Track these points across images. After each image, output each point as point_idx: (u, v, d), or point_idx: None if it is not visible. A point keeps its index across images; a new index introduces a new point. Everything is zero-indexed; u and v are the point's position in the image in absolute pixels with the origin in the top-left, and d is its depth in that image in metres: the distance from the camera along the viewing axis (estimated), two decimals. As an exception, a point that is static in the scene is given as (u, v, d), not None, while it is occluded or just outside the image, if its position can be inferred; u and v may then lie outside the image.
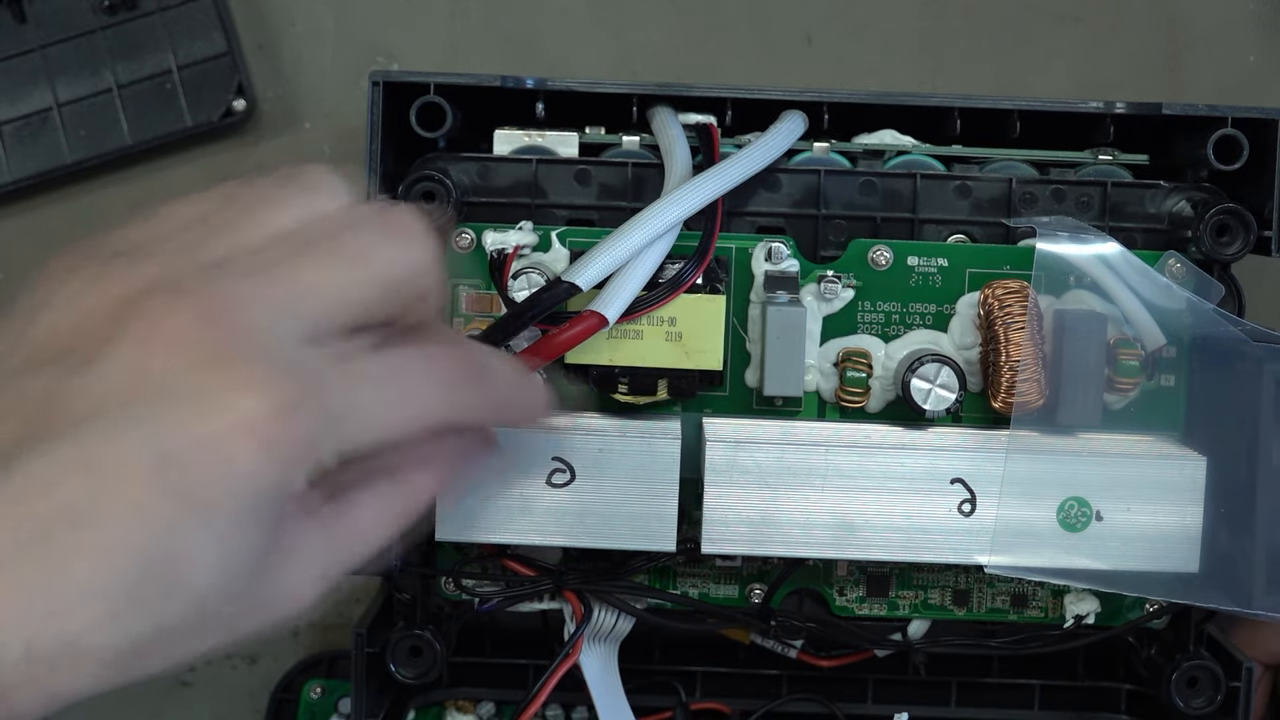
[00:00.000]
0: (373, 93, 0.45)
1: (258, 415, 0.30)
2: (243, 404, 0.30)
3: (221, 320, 0.31)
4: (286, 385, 0.30)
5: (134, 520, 0.29)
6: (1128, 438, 0.45)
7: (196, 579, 0.30)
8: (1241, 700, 0.47)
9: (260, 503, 0.31)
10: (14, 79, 0.57)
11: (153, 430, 0.30)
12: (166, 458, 0.30)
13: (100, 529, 0.29)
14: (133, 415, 0.30)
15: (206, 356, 0.30)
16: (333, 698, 0.57)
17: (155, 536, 0.30)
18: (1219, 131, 0.46)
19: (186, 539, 0.30)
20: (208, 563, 0.30)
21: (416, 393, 0.34)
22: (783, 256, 0.46)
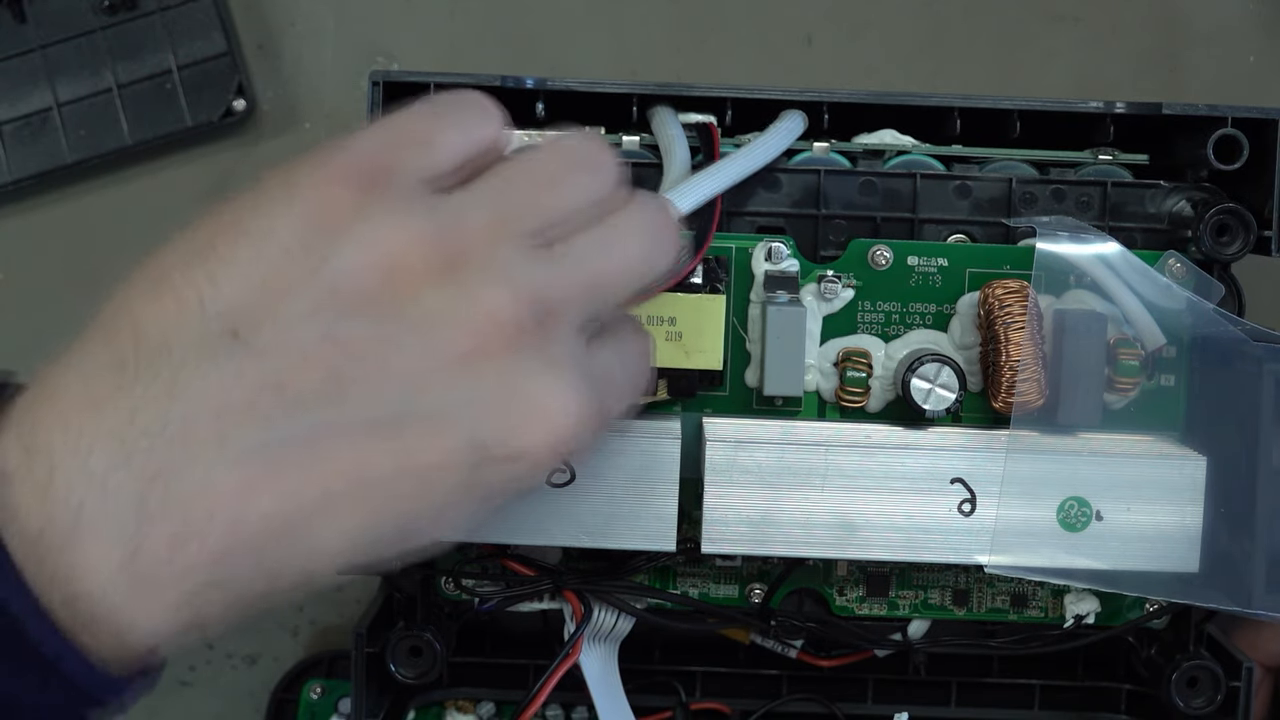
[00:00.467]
0: (373, 93, 0.45)
1: (565, 429, 0.32)
2: (557, 424, 0.32)
3: (548, 327, 0.33)
4: (588, 402, 0.33)
5: (419, 496, 0.32)
6: (1128, 438, 0.45)
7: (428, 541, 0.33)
8: (1241, 700, 0.47)
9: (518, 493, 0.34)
10: (14, 79, 0.57)
11: (475, 422, 0.32)
12: (479, 452, 0.32)
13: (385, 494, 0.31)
14: (461, 404, 0.32)
15: (533, 363, 0.32)
16: (333, 698, 0.57)
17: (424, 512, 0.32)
18: (1219, 131, 0.46)
19: (446, 519, 0.32)
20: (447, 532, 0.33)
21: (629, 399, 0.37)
22: (783, 256, 0.46)
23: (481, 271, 0.32)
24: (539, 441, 0.32)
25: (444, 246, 0.32)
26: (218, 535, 0.30)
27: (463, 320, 0.32)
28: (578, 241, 0.34)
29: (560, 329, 0.33)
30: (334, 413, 0.31)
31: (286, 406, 0.30)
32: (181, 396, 0.30)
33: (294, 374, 0.30)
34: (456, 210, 0.33)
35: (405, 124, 0.35)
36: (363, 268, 0.31)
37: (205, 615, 0.31)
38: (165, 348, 0.30)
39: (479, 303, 0.32)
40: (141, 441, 0.30)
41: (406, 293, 0.32)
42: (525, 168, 0.35)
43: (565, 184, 0.35)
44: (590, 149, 0.36)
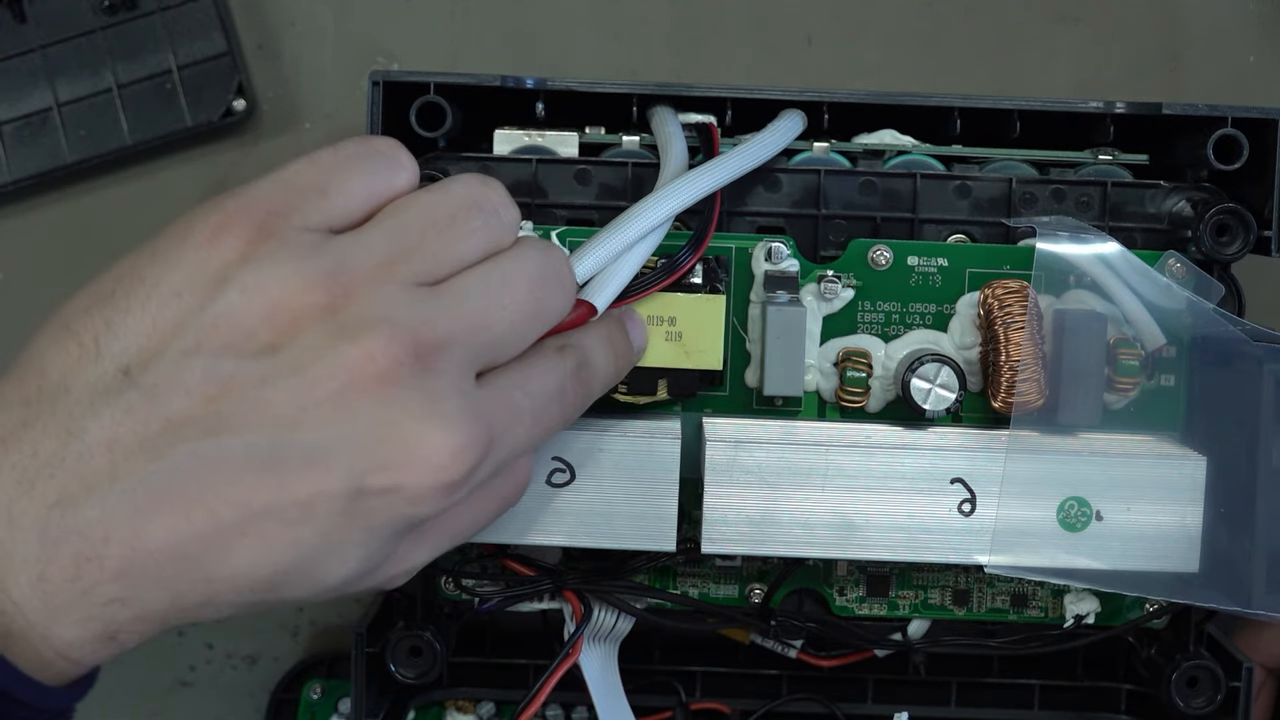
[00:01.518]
0: (373, 93, 0.45)
1: (450, 473, 0.34)
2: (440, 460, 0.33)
3: (430, 371, 0.34)
4: (478, 446, 0.34)
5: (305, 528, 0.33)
6: (1128, 438, 0.45)
7: (326, 580, 0.35)
8: (1241, 700, 0.47)
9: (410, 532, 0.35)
10: (14, 79, 0.57)
11: (354, 460, 0.33)
12: (358, 489, 0.33)
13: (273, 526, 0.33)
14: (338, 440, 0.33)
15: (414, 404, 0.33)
16: (333, 698, 0.57)
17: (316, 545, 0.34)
18: (1219, 131, 0.46)
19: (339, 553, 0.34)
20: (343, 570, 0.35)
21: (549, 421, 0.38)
22: (783, 256, 0.46)
23: (360, 312, 0.34)
24: (414, 477, 0.33)
25: (327, 288, 0.34)
26: (115, 557, 0.32)
27: (335, 361, 0.33)
28: (463, 280, 0.36)
29: (441, 365, 0.34)
30: (216, 446, 0.32)
31: (171, 441, 0.32)
32: (77, 432, 0.32)
33: (178, 410, 0.33)
34: (343, 253, 0.34)
35: (303, 171, 0.36)
36: (244, 310, 0.33)
37: (117, 630, 0.33)
38: (64, 388, 0.33)
39: (352, 343, 0.33)
40: (43, 473, 0.32)
41: (287, 333, 0.33)
42: (418, 209, 0.36)
43: (457, 226, 0.36)
44: (485, 192, 0.37)
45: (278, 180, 0.35)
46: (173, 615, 0.34)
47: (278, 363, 0.33)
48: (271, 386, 0.33)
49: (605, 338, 0.41)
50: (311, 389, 0.33)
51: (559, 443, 0.43)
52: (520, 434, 0.37)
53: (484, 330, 0.35)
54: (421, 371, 0.33)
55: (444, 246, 0.36)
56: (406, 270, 0.35)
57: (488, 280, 0.36)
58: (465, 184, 0.37)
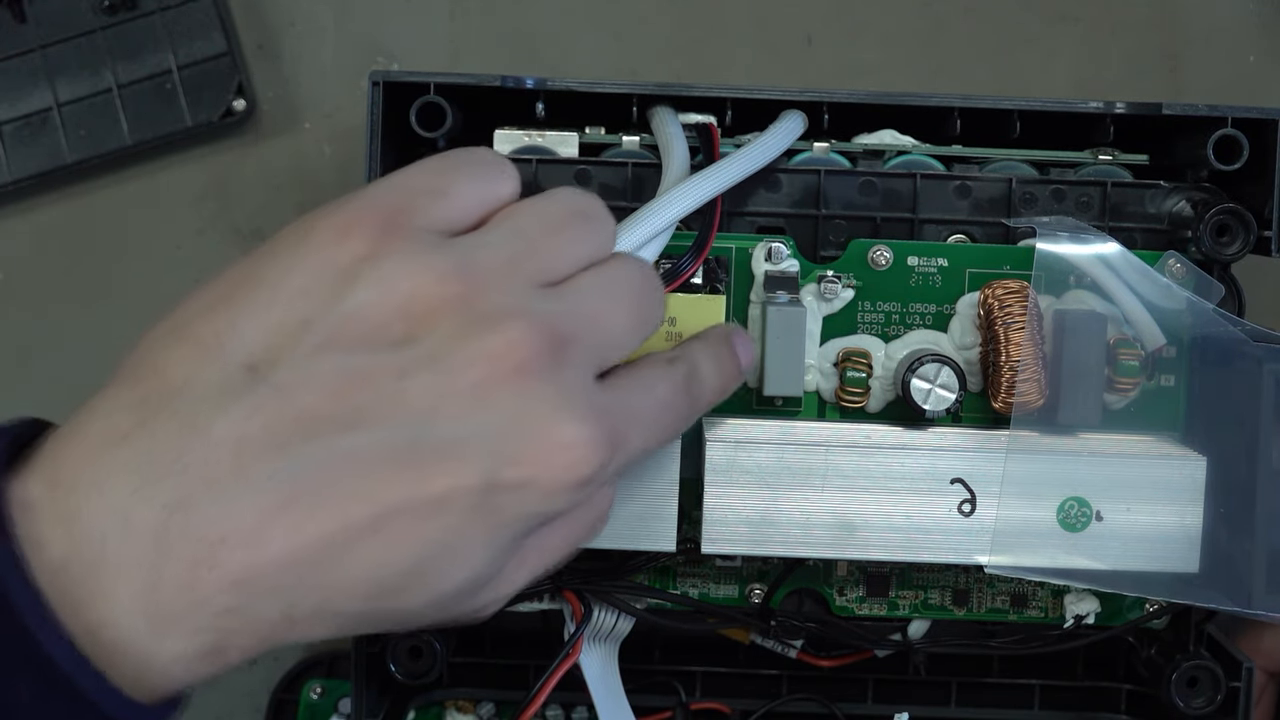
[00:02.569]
0: (373, 93, 0.45)
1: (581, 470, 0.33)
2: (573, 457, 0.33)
3: (564, 364, 0.34)
4: (607, 445, 0.34)
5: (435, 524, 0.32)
6: (1128, 438, 0.45)
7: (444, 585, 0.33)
8: (1241, 700, 0.47)
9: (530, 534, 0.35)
10: (14, 79, 0.57)
11: (491, 454, 0.32)
12: (494, 484, 0.32)
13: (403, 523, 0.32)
14: (475, 432, 0.32)
15: (551, 398, 0.33)
16: (333, 698, 0.57)
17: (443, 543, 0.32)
18: (1219, 131, 0.46)
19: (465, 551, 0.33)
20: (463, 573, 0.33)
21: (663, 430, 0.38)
22: (783, 256, 0.46)
23: (494, 305, 0.33)
24: (550, 470, 0.33)
25: (457, 283, 0.33)
26: (235, 563, 0.31)
27: (476, 350, 0.32)
28: (580, 281, 0.36)
29: (572, 361, 0.34)
30: (350, 442, 0.31)
31: (304, 437, 0.31)
32: (200, 431, 0.31)
33: (310, 406, 0.31)
34: (469, 250, 0.34)
35: (421, 174, 0.36)
36: (378, 304, 0.32)
37: (225, 643, 0.32)
38: (185, 387, 0.32)
39: (492, 333, 0.33)
40: (162, 474, 0.31)
41: (421, 326, 0.33)
42: (532, 214, 0.36)
43: (569, 231, 0.36)
44: (590, 201, 0.37)
45: (395, 183, 0.35)
46: (281, 628, 0.32)
47: (415, 354, 0.32)
48: (409, 378, 0.32)
49: (713, 353, 0.40)
50: (450, 379, 0.32)
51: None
52: (638, 439, 0.36)
53: (604, 329, 0.35)
54: (555, 365, 0.33)
55: (560, 248, 0.36)
56: (530, 268, 0.35)
57: (602, 282, 0.36)
58: (571, 193, 0.37)
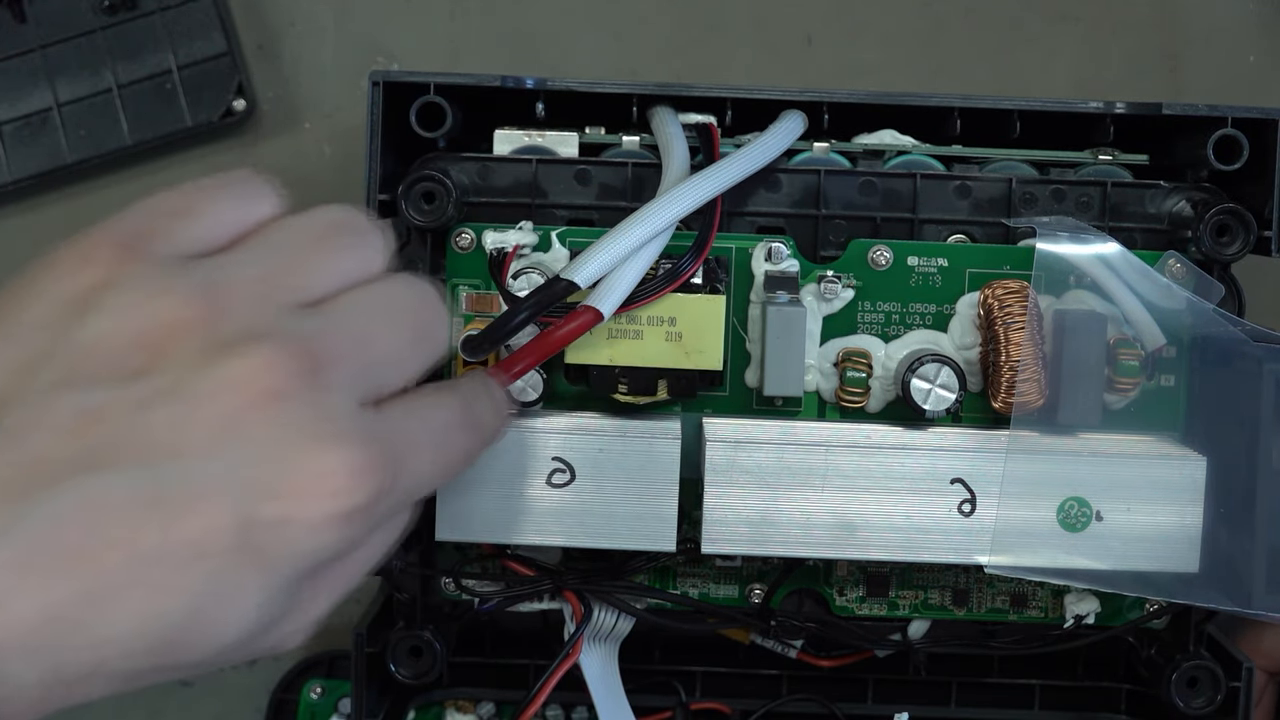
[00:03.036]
0: (373, 93, 0.45)
1: (348, 500, 0.31)
2: (335, 485, 0.30)
3: (319, 386, 0.31)
4: (376, 472, 0.31)
5: (197, 570, 0.29)
6: (1128, 438, 0.45)
7: (226, 631, 0.31)
8: (1241, 700, 0.47)
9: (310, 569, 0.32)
10: (14, 79, 0.57)
11: (243, 490, 0.30)
12: (249, 521, 0.30)
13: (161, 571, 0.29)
14: (224, 467, 0.30)
15: (305, 424, 0.30)
16: (333, 698, 0.57)
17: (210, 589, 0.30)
18: (1219, 131, 0.46)
19: (236, 596, 0.30)
20: (243, 620, 0.31)
21: (449, 459, 0.35)
22: (783, 256, 0.46)
23: (241, 327, 0.31)
24: (311, 502, 0.30)
25: (199, 305, 0.31)
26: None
27: (220, 376, 0.30)
28: (343, 299, 0.33)
29: (331, 384, 0.31)
30: (93, 484, 0.29)
31: (41, 485, 0.29)
32: None
33: (45, 449, 0.29)
34: (213, 270, 0.32)
35: (169, 195, 0.34)
36: (114, 333, 0.30)
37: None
38: None
39: (238, 357, 0.30)
40: None
41: (161, 354, 0.30)
42: (286, 228, 0.34)
43: (329, 246, 0.34)
44: (353, 215, 0.35)
45: (140, 206, 0.33)
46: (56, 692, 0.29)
47: (156, 385, 0.30)
48: (148, 411, 0.29)
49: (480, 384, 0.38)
50: (193, 410, 0.30)
51: (559, 443, 0.43)
52: (422, 467, 0.34)
53: (371, 349, 0.33)
54: (312, 387, 0.30)
55: (318, 264, 0.33)
56: (283, 285, 0.32)
57: (368, 300, 0.34)
58: (332, 207, 0.35)
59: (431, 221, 0.45)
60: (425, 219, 0.45)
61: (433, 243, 0.46)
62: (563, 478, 0.43)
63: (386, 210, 0.46)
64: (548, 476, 0.43)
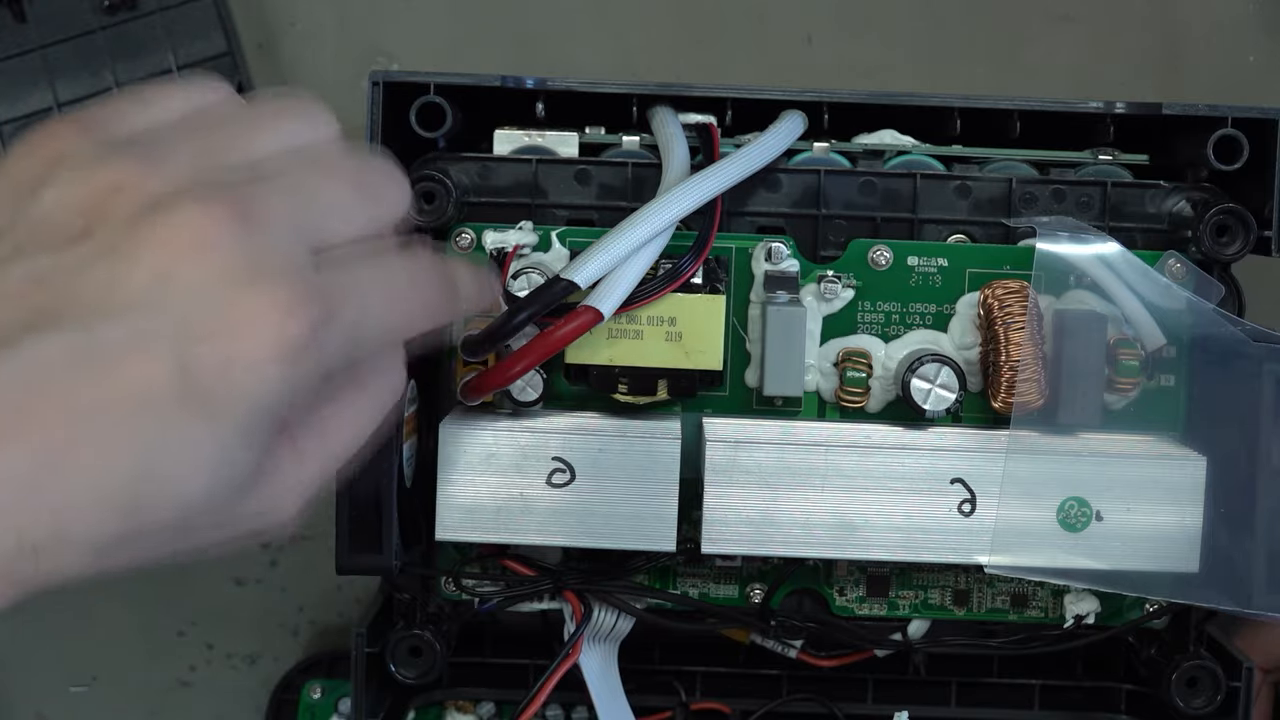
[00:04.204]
0: (373, 93, 0.45)
1: (284, 333, 0.31)
2: (270, 321, 0.30)
3: (253, 232, 0.31)
4: (311, 304, 0.31)
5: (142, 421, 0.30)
6: (1128, 438, 0.45)
7: (187, 487, 0.31)
8: (1241, 700, 0.47)
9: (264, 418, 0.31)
10: (14, 79, 0.57)
11: (178, 336, 0.30)
12: (188, 367, 0.30)
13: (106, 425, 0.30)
14: (159, 316, 0.30)
15: (238, 268, 0.31)
16: (333, 698, 0.57)
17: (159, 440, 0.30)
18: (1219, 131, 0.46)
19: (188, 447, 0.30)
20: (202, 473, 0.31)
21: (406, 304, 0.35)
22: (783, 256, 0.46)
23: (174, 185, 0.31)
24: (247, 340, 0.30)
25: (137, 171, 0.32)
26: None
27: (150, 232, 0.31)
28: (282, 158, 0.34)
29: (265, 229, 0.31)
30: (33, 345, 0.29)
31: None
32: None
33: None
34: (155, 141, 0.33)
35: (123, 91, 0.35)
36: (61, 204, 0.31)
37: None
38: None
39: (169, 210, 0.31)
40: None
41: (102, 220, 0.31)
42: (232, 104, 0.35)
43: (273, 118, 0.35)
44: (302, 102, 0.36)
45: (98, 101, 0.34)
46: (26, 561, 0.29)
47: (90, 249, 0.31)
48: (86, 272, 0.30)
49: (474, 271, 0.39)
50: (125, 267, 0.30)
51: (559, 443, 0.43)
52: (371, 308, 0.33)
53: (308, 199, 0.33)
54: (244, 234, 0.31)
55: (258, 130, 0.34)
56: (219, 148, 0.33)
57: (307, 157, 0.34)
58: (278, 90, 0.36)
59: (431, 221, 0.45)
60: (425, 219, 0.45)
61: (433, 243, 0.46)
62: (563, 478, 0.43)
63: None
64: (548, 476, 0.43)
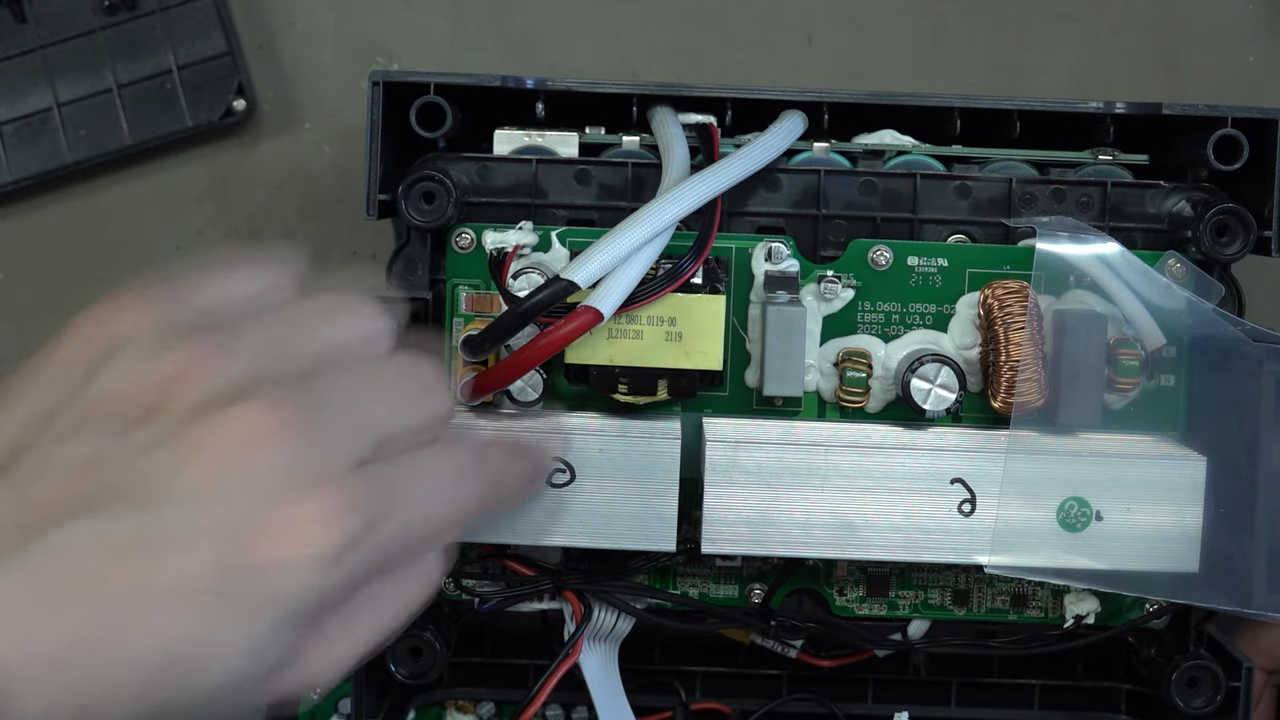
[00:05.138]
0: (373, 93, 0.45)
1: (323, 542, 0.32)
2: (312, 529, 0.32)
3: (305, 437, 0.32)
4: (353, 515, 0.32)
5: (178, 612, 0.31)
6: (1128, 438, 0.45)
7: (212, 678, 0.32)
8: (1241, 700, 0.47)
9: (296, 618, 0.32)
10: (14, 79, 0.57)
11: (223, 534, 0.31)
12: (227, 565, 0.31)
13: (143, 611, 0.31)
14: (207, 512, 0.31)
15: (286, 473, 0.32)
16: (333, 698, 0.57)
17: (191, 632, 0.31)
18: (1219, 131, 0.46)
19: (218, 641, 0.31)
20: (229, 665, 0.32)
21: (451, 502, 0.36)
22: (783, 256, 0.46)
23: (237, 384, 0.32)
24: (289, 548, 0.31)
25: (201, 363, 0.33)
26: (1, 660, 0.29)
27: (211, 426, 0.32)
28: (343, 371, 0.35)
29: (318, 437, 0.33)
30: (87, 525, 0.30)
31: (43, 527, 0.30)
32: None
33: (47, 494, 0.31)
34: (219, 332, 0.34)
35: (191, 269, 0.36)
36: (124, 384, 0.32)
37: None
38: None
39: (230, 407, 0.32)
40: None
41: (162, 408, 0.32)
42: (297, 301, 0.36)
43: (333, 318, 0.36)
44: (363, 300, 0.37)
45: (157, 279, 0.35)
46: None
47: (150, 434, 0.32)
48: (144, 458, 0.31)
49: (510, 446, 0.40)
50: (184, 458, 0.31)
51: (559, 443, 0.43)
52: (415, 510, 0.35)
53: (365, 399, 0.35)
54: (296, 439, 0.32)
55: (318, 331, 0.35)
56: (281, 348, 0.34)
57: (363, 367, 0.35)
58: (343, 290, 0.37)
59: (431, 221, 0.45)
60: (425, 219, 0.45)
61: (433, 243, 0.46)
62: (563, 478, 0.43)
63: (386, 210, 0.46)
64: (548, 476, 0.43)
